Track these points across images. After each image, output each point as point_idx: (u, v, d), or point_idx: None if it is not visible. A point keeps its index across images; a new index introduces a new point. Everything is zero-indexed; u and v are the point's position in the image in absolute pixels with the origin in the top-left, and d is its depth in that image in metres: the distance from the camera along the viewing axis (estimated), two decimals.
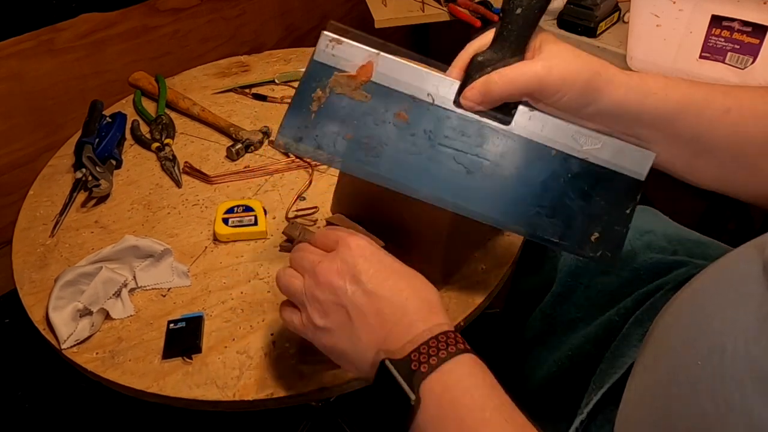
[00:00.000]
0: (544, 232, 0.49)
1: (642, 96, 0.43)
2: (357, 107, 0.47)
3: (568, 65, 0.43)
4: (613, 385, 0.50)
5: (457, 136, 0.47)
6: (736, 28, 0.87)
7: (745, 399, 0.31)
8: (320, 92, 0.47)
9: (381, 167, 0.49)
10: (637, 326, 0.54)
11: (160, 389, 0.54)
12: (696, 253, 0.63)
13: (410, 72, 0.47)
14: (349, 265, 0.43)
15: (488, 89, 0.45)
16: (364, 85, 0.47)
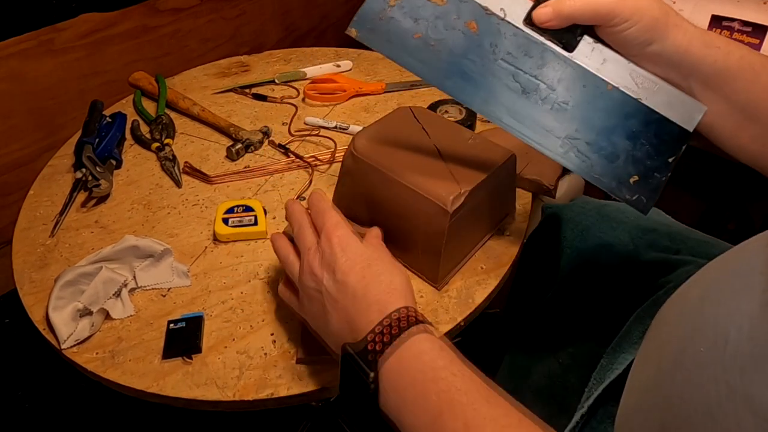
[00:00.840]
0: (585, 167, 0.50)
1: (704, 47, 0.44)
2: (431, 9, 0.49)
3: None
4: (613, 381, 0.50)
5: (520, 55, 0.48)
6: (736, 28, 0.87)
7: (746, 382, 0.31)
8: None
9: (441, 72, 0.50)
10: (639, 323, 0.54)
11: (160, 389, 0.54)
12: (699, 252, 0.63)
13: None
14: (327, 256, 0.47)
15: (561, 8, 0.46)
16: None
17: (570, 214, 0.73)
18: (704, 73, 0.45)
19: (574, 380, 0.59)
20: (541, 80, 0.49)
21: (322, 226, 0.49)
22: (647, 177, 0.49)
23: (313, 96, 0.94)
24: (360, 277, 0.46)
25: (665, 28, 0.44)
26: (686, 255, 0.62)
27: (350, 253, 0.47)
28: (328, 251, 0.47)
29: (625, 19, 0.44)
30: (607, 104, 0.48)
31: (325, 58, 1.06)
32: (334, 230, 0.48)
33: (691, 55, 0.45)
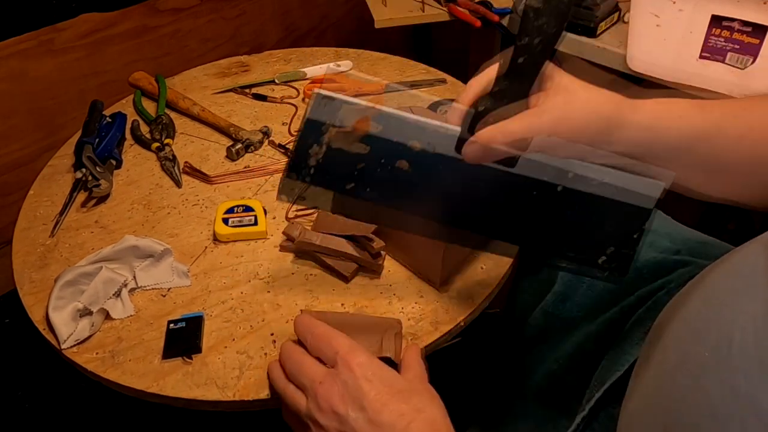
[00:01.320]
0: (553, 259, 0.50)
1: (653, 134, 0.42)
2: (356, 158, 0.47)
3: (579, 115, 0.40)
4: (614, 383, 0.50)
5: (462, 178, 0.47)
6: (736, 28, 0.87)
7: (751, 387, 0.31)
8: (317, 148, 0.47)
9: (386, 214, 0.49)
10: (639, 325, 0.54)
11: (160, 389, 0.54)
12: (699, 253, 0.63)
13: (407, 124, 0.46)
14: (351, 389, 0.42)
15: (489, 147, 0.42)
16: (362, 138, 0.46)
17: None
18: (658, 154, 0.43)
19: (574, 382, 0.59)
20: (489, 198, 0.48)
21: (334, 353, 0.44)
22: (615, 255, 0.48)
23: None
24: (397, 414, 0.41)
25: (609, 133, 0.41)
26: (686, 255, 0.62)
27: (379, 384, 0.42)
28: (351, 382, 0.42)
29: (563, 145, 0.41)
30: (561, 203, 0.47)
31: (325, 58, 1.06)
32: (352, 357, 0.43)
33: (641, 147, 0.43)
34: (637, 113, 0.42)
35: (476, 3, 1.22)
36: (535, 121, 0.41)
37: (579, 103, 0.41)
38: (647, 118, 0.42)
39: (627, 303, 0.59)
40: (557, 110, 0.41)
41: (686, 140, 0.42)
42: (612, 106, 0.41)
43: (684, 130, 0.42)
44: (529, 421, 0.64)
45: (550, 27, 0.39)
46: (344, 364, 0.43)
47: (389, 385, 0.42)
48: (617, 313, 0.59)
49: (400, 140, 0.46)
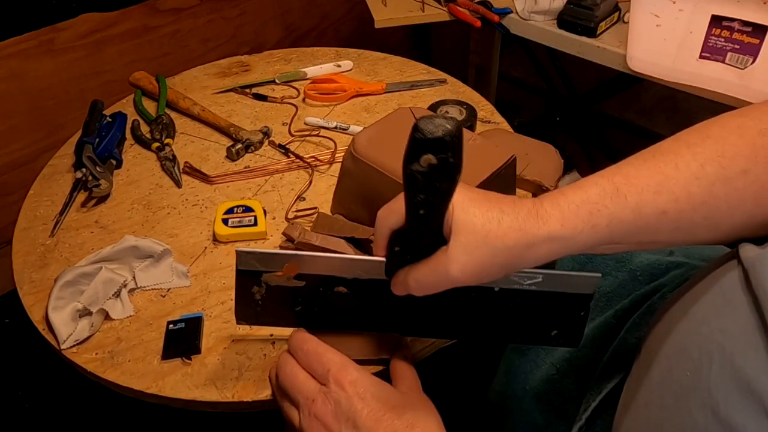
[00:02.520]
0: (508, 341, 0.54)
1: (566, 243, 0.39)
2: (295, 291, 0.49)
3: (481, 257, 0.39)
4: (610, 391, 0.50)
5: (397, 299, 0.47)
6: (736, 28, 0.87)
7: (730, 410, 0.31)
8: (257, 288, 0.50)
9: (340, 325, 0.52)
10: (634, 330, 0.54)
11: (159, 390, 0.54)
12: (693, 254, 0.63)
13: (332, 262, 0.48)
14: (344, 408, 0.42)
15: (409, 291, 0.43)
16: (295, 276, 0.49)
17: None
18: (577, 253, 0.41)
19: (572, 386, 0.59)
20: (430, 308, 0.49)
21: (326, 371, 0.44)
22: (564, 328, 0.49)
23: (314, 96, 0.94)
24: (389, 423, 0.41)
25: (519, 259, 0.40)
26: (680, 257, 0.62)
27: (371, 401, 0.42)
28: (344, 401, 0.42)
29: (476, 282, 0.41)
30: (501, 303, 0.48)
31: (325, 58, 1.06)
32: (344, 374, 0.43)
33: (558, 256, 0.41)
34: (543, 227, 0.39)
35: (476, 3, 1.23)
36: (443, 272, 0.40)
37: (478, 242, 0.39)
38: (555, 229, 0.39)
39: (621, 307, 0.59)
40: (461, 256, 0.39)
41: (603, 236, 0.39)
42: (515, 233, 0.39)
43: (598, 227, 0.38)
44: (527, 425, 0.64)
45: (442, 183, 0.38)
46: (336, 382, 0.43)
47: (383, 401, 0.42)
48: (612, 317, 0.59)
49: (331, 274, 0.48)
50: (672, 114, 1.81)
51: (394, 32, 1.66)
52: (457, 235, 0.40)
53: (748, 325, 0.33)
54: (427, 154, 0.36)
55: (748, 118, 0.39)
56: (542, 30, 1.14)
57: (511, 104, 1.95)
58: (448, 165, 0.37)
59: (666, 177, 0.38)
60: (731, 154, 0.38)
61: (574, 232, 0.38)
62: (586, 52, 1.09)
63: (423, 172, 0.37)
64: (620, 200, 0.38)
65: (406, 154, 0.37)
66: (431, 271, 0.41)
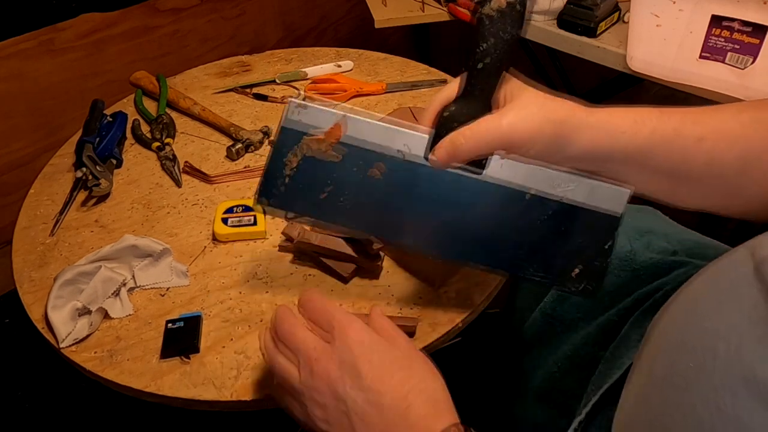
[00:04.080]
0: (526, 272, 0.50)
1: (610, 137, 0.43)
2: (330, 167, 0.48)
3: (534, 119, 0.42)
4: (611, 386, 0.50)
5: (431, 188, 0.48)
6: (736, 28, 0.87)
7: (735, 404, 0.31)
8: (292, 157, 0.48)
9: (360, 222, 0.50)
10: (636, 327, 0.54)
11: (157, 389, 0.54)
12: (696, 254, 0.63)
13: (379, 130, 0.47)
14: (348, 363, 0.41)
15: (455, 149, 0.44)
16: (335, 145, 0.48)
17: None
18: (618, 159, 0.44)
19: (574, 384, 0.59)
20: (459, 206, 0.48)
21: (330, 324, 0.43)
22: (588, 267, 0.49)
23: (314, 96, 0.94)
24: (397, 385, 0.40)
25: (565, 136, 0.43)
26: (683, 256, 0.62)
27: (376, 356, 0.41)
28: (348, 358, 0.41)
29: (523, 145, 0.43)
30: (530, 212, 0.48)
31: (326, 58, 1.06)
32: (348, 328, 0.42)
33: (599, 150, 0.43)
34: (592, 116, 0.43)
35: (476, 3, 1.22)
36: (494, 125, 0.43)
37: (534, 108, 0.42)
38: (602, 120, 0.42)
39: (624, 305, 0.59)
40: (514, 114, 0.42)
41: (643, 143, 0.42)
42: (566, 111, 0.43)
43: (640, 133, 0.42)
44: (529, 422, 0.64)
45: (506, 33, 0.41)
46: (341, 336, 0.42)
47: (387, 357, 0.42)
48: (615, 315, 0.59)
49: (371, 147, 0.48)
50: None
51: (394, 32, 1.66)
52: (513, 100, 0.43)
53: (755, 318, 0.33)
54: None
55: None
56: (542, 30, 1.14)
57: None
58: (515, 12, 0.41)
59: (704, 114, 0.43)
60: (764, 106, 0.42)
61: (618, 131, 0.42)
62: (586, 52, 1.09)
63: (492, 16, 0.41)
64: (663, 119, 0.43)
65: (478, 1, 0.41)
66: (483, 125, 0.43)
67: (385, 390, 0.40)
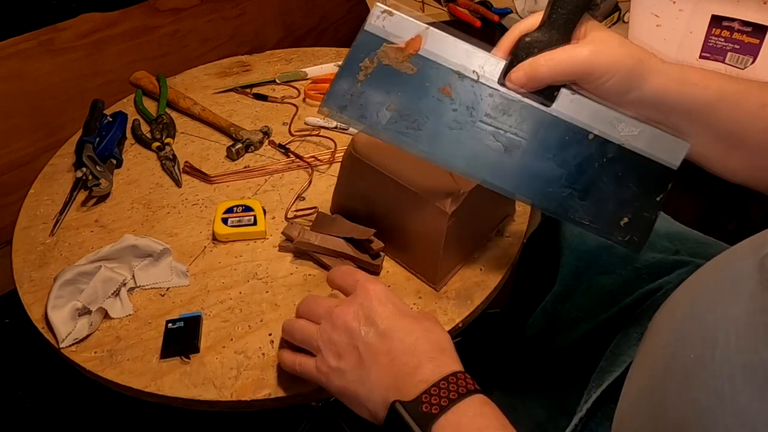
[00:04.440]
0: (575, 214, 0.50)
1: (681, 86, 0.44)
2: (402, 79, 0.48)
3: (614, 51, 0.44)
4: (612, 383, 0.50)
5: (498, 114, 0.48)
6: (736, 28, 0.87)
7: (735, 391, 0.31)
8: (368, 62, 0.48)
9: (420, 141, 0.50)
10: (637, 325, 0.54)
11: (157, 389, 0.54)
12: (698, 253, 0.63)
13: (458, 48, 0.48)
14: (365, 308, 0.45)
15: (534, 71, 0.46)
16: (412, 57, 0.48)
17: None
18: (684, 110, 0.45)
19: (574, 381, 0.59)
20: (522, 137, 0.48)
21: (354, 283, 0.48)
22: (637, 217, 0.49)
23: (314, 96, 0.94)
24: (407, 330, 0.44)
25: (641, 75, 0.44)
26: (685, 255, 0.62)
27: (390, 306, 0.45)
28: (366, 303, 0.46)
29: (601, 75, 0.44)
30: (590, 152, 0.48)
31: (326, 58, 1.06)
32: (369, 283, 0.47)
33: (669, 97, 0.45)
34: (666, 64, 0.45)
35: (476, 3, 1.23)
36: (577, 52, 0.44)
37: (616, 43, 0.44)
38: (676, 70, 0.44)
39: (625, 303, 0.59)
40: (596, 44, 0.44)
41: (710, 99, 0.44)
42: (645, 53, 0.45)
43: (710, 88, 0.44)
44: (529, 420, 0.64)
45: None
46: (362, 288, 0.46)
47: (401, 309, 0.46)
48: (616, 313, 0.59)
49: (448, 65, 0.48)
50: None
51: None
52: (594, 31, 0.45)
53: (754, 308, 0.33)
54: None
55: None
56: None
57: None
58: None
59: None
60: None
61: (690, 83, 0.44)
62: None
63: None
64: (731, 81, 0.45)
65: None
66: (564, 52, 0.44)
67: (396, 328, 0.44)
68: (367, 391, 0.44)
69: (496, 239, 0.68)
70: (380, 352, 0.43)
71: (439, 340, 0.45)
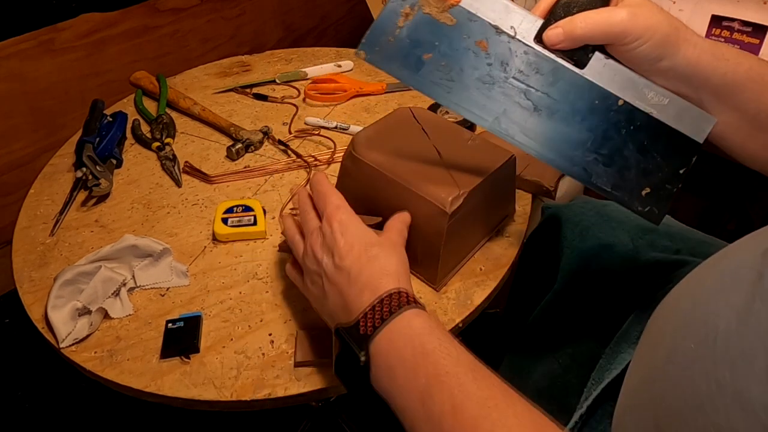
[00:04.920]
0: (598, 179, 0.50)
1: (714, 59, 0.45)
2: (441, 29, 0.49)
3: (652, 16, 0.44)
4: (612, 381, 0.50)
5: (531, 73, 0.49)
6: (736, 28, 0.87)
7: (736, 379, 0.31)
8: (408, 9, 0.49)
9: (453, 92, 0.50)
10: (637, 323, 0.54)
11: (157, 389, 0.54)
12: (698, 252, 0.63)
13: (497, 3, 0.48)
14: (328, 240, 0.49)
15: (572, 29, 0.46)
16: (452, 8, 0.48)
17: (570, 215, 0.73)
18: (714, 85, 0.46)
19: (574, 380, 0.59)
20: (552, 97, 0.49)
21: (324, 209, 0.51)
22: (658, 189, 0.49)
23: (314, 96, 0.94)
24: (355, 259, 0.47)
25: (676, 43, 0.45)
26: (686, 255, 0.62)
27: (349, 237, 0.48)
28: (329, 235, 0.49)
29: (637, 38, 0.44)
30: (618, 118, 0.48)
31: (326, 58, 1.06)
32: (335, 213, 0.50)
33: (701, 69, 0.45)
34: (701, 38, 0.45)
35: None
36: (615, 13, 0.44)
37: (654, 8, 0.45)
38: (709, 44, 0.45)
39: (626, 302, 0.59)
40: (634, 8, 0.44)
41: (741, 76, 0.45)
42: (680, 23, 0.45)
43: (741, 65, 0.45)
44: None
45: None
46: (327, 219, 0.50)
47: (358, 238, 0.49)
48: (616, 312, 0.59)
49: (487, 18, 0.48)
50: None
51: None
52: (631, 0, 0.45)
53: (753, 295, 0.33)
54: None
55: None
56: None
57: None
58: None
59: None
60: None
61: (723, 57, 0.45)
62: None
63: None
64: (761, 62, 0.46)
65: None
66: (603, 13, 0.45)
67: (347, 258, 0.47)
68: (328, 317, 0.50)
69: (496, 239, 0.68)
70: (333, 282, 0.48)
71: (384, 265, 0.47)
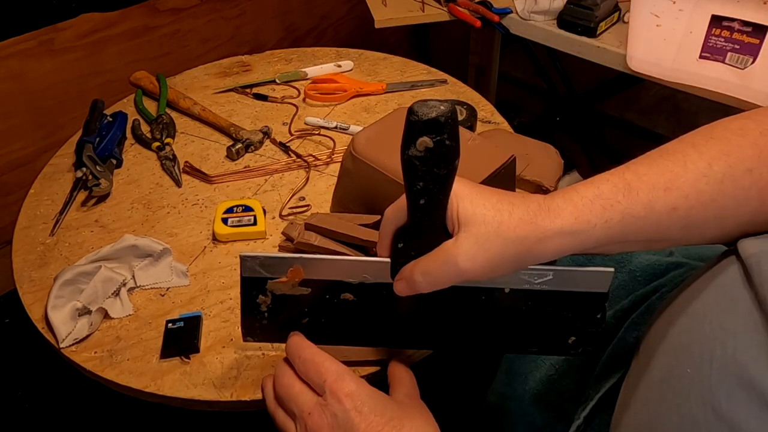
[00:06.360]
0: (521, 349, 0.49)
1: (579, 237, 0.39)
2: (303, 299, 0.47)
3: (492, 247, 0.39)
4: (608, 390, 0.50)
5: (408, 297, 0.45)
6: (736, 28, 0.87)
7: (731, 407, 0.31)
8: (263, 298, 0.48)
9: (346, 337, 0.50)
10: (633, 330, 0.54)
11: (157, 389, 0.54)
12: (692, 254, 0.63)
13: (338, 264, 0.46)
14: (341, 422, 0.41)
15: (414, 287, 0.42)
16: (300, 283, 0.47)
17: None
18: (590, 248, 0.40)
19: (570, 386, 0.59)
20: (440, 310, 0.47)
21: (322, 381, 0.43)
22: (582, 335, 0.48)
23: (314, 96, 0.94)
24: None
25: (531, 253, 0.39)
26: (679, 257, 0.62)
27: (368, 415, 0.41)
28: (341, 414, 0.41)
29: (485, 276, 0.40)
30: (512, 304, 0.46)
31: (326, 58, 1.06)
32: (341, 386, 0.42)
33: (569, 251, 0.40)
34: (557, 219, 0.39)
35: (476, 3, 1.22)
36: (451, 264, 0.40)
37: (491, 231, 0.39)
38: (568, 223, 0.39)
39: (621, 307, 0.59)
40: (469, 246, 0.39)
41: (615, 231, 0.39)
42: (527, 225, 0.39)
43: (611, 221, 0.39)
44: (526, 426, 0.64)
45: (441, 169, 0.38)
46: (333, 394, 0.42)
47: (380, 414, 0.42)
48: (611, 317, 0.59)
49: (336, 278, 0.46)
50: (672, 114, 1.81)
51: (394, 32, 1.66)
52: (466, 226, 0.39)
53: (750, 322, 0.33)
54: (423, 136, 0.36)
55: (749, 120, 0.39)
56: (542, 30, 1.15)
57: (511, 104, 1.95)
58: (444, 147, 0.36)
59: (675, 175, 0.38)
60: (736, 153, 0.38)
61: (588, 227, 0.38)
62: (585, 52, 1.09)
63: (420, 156, 0.36)
64: (632, 196, 0.38)
65: (403, 141, 0.37)
66: (440, 263, 0.40)
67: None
68: None
69: None
70: None
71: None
